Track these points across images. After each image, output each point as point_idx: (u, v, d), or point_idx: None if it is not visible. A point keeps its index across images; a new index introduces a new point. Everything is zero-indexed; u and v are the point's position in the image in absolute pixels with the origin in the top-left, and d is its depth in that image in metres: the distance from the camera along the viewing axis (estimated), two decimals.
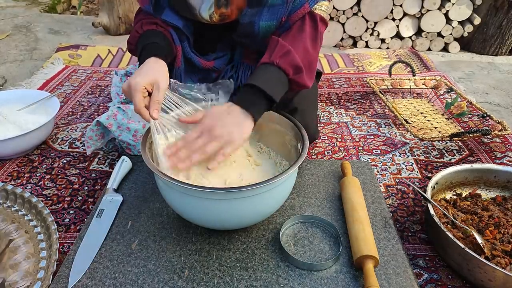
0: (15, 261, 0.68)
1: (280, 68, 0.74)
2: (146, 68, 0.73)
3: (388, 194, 0.90)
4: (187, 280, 0.64)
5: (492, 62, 1.80)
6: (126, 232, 0.74)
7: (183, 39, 0.90)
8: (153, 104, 0.68)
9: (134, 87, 0.68)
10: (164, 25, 0.86)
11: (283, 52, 0.74)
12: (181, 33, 0.88)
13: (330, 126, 1.18)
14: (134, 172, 0.91)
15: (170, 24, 0.86)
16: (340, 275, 0.65)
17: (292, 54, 0.74)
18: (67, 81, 1.46)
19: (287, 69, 0.74)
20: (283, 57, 0.74)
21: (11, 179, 0.94)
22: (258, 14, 0.80)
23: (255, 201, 0.64)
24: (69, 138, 1.11)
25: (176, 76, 0.93)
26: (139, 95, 0.68)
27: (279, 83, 0.74)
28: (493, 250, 0.67)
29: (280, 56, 0.74)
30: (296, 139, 0.76)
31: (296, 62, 0.74)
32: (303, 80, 0.76)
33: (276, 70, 0.74)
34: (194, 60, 0.91)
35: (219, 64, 0.95)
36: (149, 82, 0.69)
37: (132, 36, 0.86)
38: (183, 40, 0.90)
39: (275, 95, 0.72)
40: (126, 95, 0.71)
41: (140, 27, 0.85)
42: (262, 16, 0.80)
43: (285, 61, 0.74)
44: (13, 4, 2.55)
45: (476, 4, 1.83)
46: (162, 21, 0.86)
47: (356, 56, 1.74)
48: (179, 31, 0.87)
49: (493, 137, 1.10)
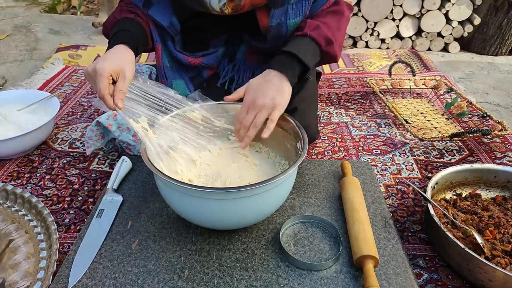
0: (15, 261, 0.68)
1: (313, 39, 0.78)
2: (114, 55, 0.73)
3: (388, 194, 0.90)
4: (187, 280, 0.64)
5: (492, 62, 1.80)
6: (126, 232, 0.74)
7: (166, 38, 0.90)
8: (118, 93, 0.68)
9: (99, 72, 0.67)
10: (144, 18, 0.85)
11: (314, 26, 0.79)
12: (165, 32, 0.88)
13: (330, 126, 1.18)
14: (134, 172, 0.91)
15: (154, 21, 0.85)
16: (340, 275, 0.65)
17: (322, 28, 0.79)
18: (67, 81, 1.46)
19: (320, 40, 0.78)
20: (315, 30, 0.78)
21: (11, 179, 0.95)
22: (284, 14, 0.81)
23: (255, 201, 0.64)
24: (69, 138, 1.11)
25: (160, 76, 0.93)
26: (105, 80, 0.67)
27: (312, 52, 0.79)
28: (493, 250, 0.67)
29: (312, 29, 0.78)
30: (295, 139, 0.76)
31: (327, 35, 0.79)
32: (334, 51, 0.81)
33: (309, 41, 0.78)
34: (181, 58, 0.92)
35: (209, 61, 0.94)
36: (115, 70, 0.69)
37: (109, 20, 0.86)
38: (166, 40, 0.90)
39: (308, 61, 0.77)
40: (88, 78, 0.71)
41: (119, 13, 0.85)
42: (289, 14, 0.81)
43: (317, 33, 0.78)
44: (13, 4, 2.55)
45: (476, 4, 1.83)
46: (146, 15, 0.85)
47: (356, 56, 1.74)
48: (162, 30, 0.87)
49: (493, 137, 1.10)
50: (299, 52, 0.76)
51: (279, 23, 0.82)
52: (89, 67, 0.70)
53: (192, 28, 0.95)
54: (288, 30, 0.83)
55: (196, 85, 0.97)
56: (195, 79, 0.97)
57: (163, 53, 0.92)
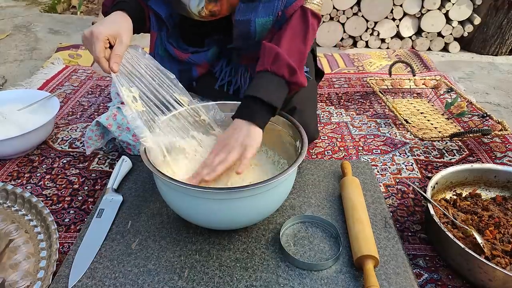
0: (15, 261, 0.68)
1: (274, 73, 0.74)
2: (111, 20, 0.73)
3: (388, 194, 0.90)
4: (187, 280, 0.64)
5: (492, 62, 1.80)
6: (126, 232, 0.74)
7: (162, 28, 0.90)
8: (114, 57, 0.68)
9: (96, 36, 0.68)
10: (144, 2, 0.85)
11: (273, 57, 0.74)
12: (162, 22, 0.88)
13: (330, 126, 1.18)
14: (134, 172, 0.91)
15: (153, 10, 0.85)
16: (340, 275, 0.65)
17: (282, 56, 0.74)
18: (67, 81, 1.46)
19: (283, 72, 0.74)
20: (274, 62, 0.74)
21: (11, 179, 0.94)
22: (253, 11, 0.79)
23: (255, 201, 0.64)
24: (69, 138, 1.11)
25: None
26: (101, 43, 0.68)
27: (277, 88, 0.75)
28: (493, 250, 0.67)
29: (272, 61, 0.74)
30: (295, 138, 0.76)
31: (289, 63, 0.74)
32: (299, 79, 0.77)
33: (271, 76, 0.74)
34: (169, 50, 0.92)
35: (197, 58, 0.93)
36: (112, 34, 0.69)
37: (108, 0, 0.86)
38: (162, 30, 0.90)
39: (275, 101, 0.73)
40: (85, 43, 0.71)
41: None
42: (258, 12, 0.79)
43: (277, 66, 0.74)
44: (13, 4, 2.55)
45: (476, 4, 1.83)
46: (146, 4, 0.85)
47: (356, 56, 1.74)
48: (160, 19, 0.87)
49: (493, 137, 1.10)
50: (263, 94, 0.72)
51: (247, 20, 0.79)
52: (86, 31, 0.70)
53: (190, 25, 0.95)
54: (257, 29, 0.80)
55: (185, 80, 0.95)
56: (185, 74, 0.96)
57: (158, 41, 0.92)
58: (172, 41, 0.93)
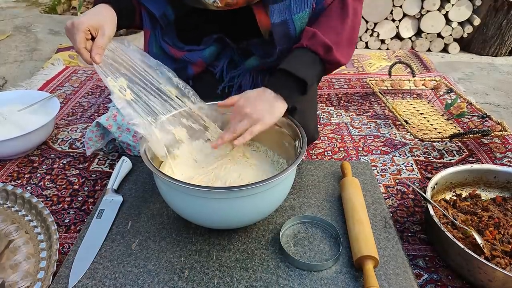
0: (15, 262, 0.68)
1: (310, 50, 0.75)
2: (94, 12, 0.73)
3: (388, 195, 0.90)
4: (187, 280, 0.64)
5: (492, 63, 1.80)
6: (126, 232, 0.74)
7: (156, 26, 0.90)
8: (96, 48, 0.68)
9: (77, 26, 0.68)
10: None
11: (310, 35, 0.75)
12: (156, 20, 0.88)
13: (330, 126, 1.18)
14: (134, 172, 0.91)
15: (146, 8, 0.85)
16: (340, 275, 0.65)
17: (318, 35, 0.75)
18: (67, 82, 1.46)
19: (317, 49, 0.75)
20: (311, 39, 0.75)
21: (11, 180, 0.95)
22: (287, 9, 0.78)
23: (255, 200, 0.64)
24: (69, 139, 1.11)
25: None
26: (81, 34, 0.68)
27: (310, 65, 0.76)
28: (493, 251, 0.67)
29: (309, 38, 0.75)
30: (294, 138, 0.76)
31: (325, 41, 0.75)
32: (335, 57, 0.77)
33: (306, 52, 0.75)
34: (164, 48, 0.91)
35: (192, 57, 0.93)
36: (93, 25, 0.69)
37: None
38: (155, 28, 0.90)
39: (306, 75, 0.74)
40: (67, 34, 0.71)
41: None
42: (292, 9, 0.78)
43: (313, 42, 0.75)
44: (13, 5, 2.55)
45: (475, 5, 1.83)
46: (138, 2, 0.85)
47: (356, 56, 1.74)
48: (153, 17, 0.87)
49: (492, 138, 1.10)
50: (294, 68, 0.73)
51: (284, 20, 0.78)
52: (68, 22, 0.70)
53: (188, 23, 0.94)
54: (297, 27, 0.79)
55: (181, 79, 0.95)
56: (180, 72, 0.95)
57: (152, 38, 0.91)
58: (167, 39, 0.92)
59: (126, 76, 0.72)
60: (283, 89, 0.73)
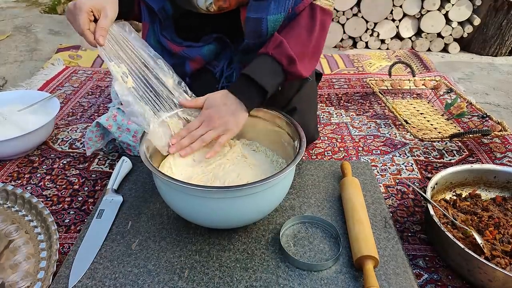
0: (15, 262, 0.68)
1: (274, 59, 0.76)
2: None
3: (388, 195, 0.90)
4: (187, 280, 0.64)
5: (492, 62, 1.80)
6: (126, 232, 0.74)
7: (155, 19, 0.90)
8: (99, 30, 0.68)
9: (79, 7, 0.67)
10: None
11: (276, 44, 0.76)
12: (155, 14, 0.88)
13: (330, 126, 1.18)
14: (134, 172, 0.91)
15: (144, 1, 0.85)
16: (340, 275, 0.65)
17: (285, 45, 0.76)
18: (67, 82, 1.46)
19: (281, 59, 0.76)
20: (276, 48, 0.76)
21: (11, 180, 0.95)
22: (266, 9, 0.79)
23: (255, 199, 0.64)
24: (69, 139, 1.11)
25: None
26: (84, 15, 0.67)
27: (272, 73, 0.77)
28: (493, 251, 0.67)
29: (274, 47, 0.76)
30: (293, 137, 0.76)
31: (289, 53, 0.76)
32: (297, 70, 0.78)
33: (270, 60, 0.76)
34: (163, 42, 0.91)
35: (190, 53, 0.92)
36: (95, 7, 0.68)
37: None
38: (154, 21, 0.90)
39: (268, 85, 0.75)
40: (69, 16, 0.70)
41: None
42: (270, 10, 0.78)
43: (279, 52, 0.76)
44: (13, 5, 2.55)
45: (475, 5, 1.83)
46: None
47: (356, 56, 1.74)
48: (152, 11, 0.87)
49: (492, 138, 1.10)
50: (256, 75, 0.74)
51: (259, 18, 0.79)
52: (69, 4, 0.69)
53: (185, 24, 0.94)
54: (269, 27, 0.80)
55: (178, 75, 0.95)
56: (177, 68, 0.95)
57: (150, 32, 0.91)
58: (166, 34, 0.93)
59: (126, 64, 0.72)
60: (244, 95, 0.75)
